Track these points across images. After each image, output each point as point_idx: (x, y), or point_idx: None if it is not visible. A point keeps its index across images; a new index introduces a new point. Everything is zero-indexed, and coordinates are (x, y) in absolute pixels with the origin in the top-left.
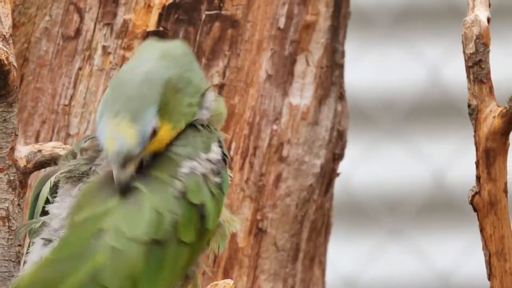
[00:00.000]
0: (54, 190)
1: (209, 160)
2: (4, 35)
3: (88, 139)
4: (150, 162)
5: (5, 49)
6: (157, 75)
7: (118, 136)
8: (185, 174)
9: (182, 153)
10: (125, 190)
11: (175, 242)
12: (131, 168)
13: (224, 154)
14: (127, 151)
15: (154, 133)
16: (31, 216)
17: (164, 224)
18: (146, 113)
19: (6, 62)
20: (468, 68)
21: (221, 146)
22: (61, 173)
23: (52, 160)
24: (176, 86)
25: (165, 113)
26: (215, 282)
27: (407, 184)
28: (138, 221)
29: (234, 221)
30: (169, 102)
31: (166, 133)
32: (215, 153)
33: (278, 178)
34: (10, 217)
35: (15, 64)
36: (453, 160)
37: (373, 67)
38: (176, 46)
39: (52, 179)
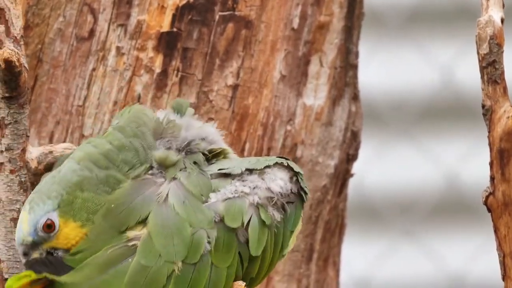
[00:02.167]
0: None
1: (268, 190)
2: (15, 36)
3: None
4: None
5: (16, 50)
6: (65, 177)
7: (19, 226)
8: (229, 198)
9: (227, 173)
10: (33, 262)
11: (209, 265)
12: (35, 254)
13: (301, 189)
14: (22, 239)
15: (51, 227)
16: None
17: (200, 250)
18: (40, 206)
19: (17, 63)
20: (482, 68)
21: (297, 181)
22: None
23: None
24: (83, 188)
25: (69, 212)
26: None
27: (420, 185)
28: (174, 246)
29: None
30: (74, 202)
31: (73, 230)
32: (279, 186)
33: None
34: None
35: (26, 65)
36: (465, 161)
37: (385, 68)
38: (109, 142)
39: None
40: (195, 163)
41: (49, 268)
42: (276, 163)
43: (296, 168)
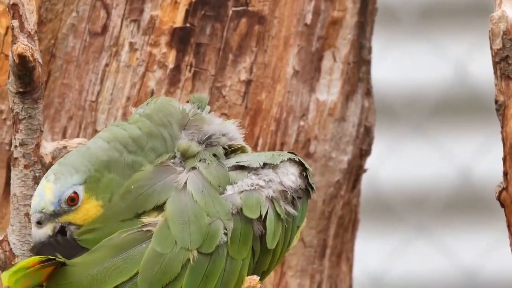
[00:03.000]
0: None
1: (281, 184)
2: (29, 32)
3: None
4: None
5: (30, 45)
6: (95, 154)
7: (40, 193)
8: (246, 190)
9: (244, 166)
10: (40, 246)
11: (224, 257)
12: (48, 228)
13: (309, 185)
14: (42, 207)
15: (74, 200)
16: None
17: (215, 240)
18: (68, 178)
19: (31, 58)
20: (495, 64)
21: (306, 177)
22: None
23: None
24: (111, 168)
25: (94, 189)
26: None
27: (433, 180)
28: (190, 234)
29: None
30: (101, 181)
31: (94, 208)
32: (291, 180)
33: None
34: None
35: (40, 60)
36: (478, 156)
37: (399, 63)
38: (138, 127)
39: None
40: (214, 155)
41: (57, 250)
42: (289, 158)
43: (306, 164)
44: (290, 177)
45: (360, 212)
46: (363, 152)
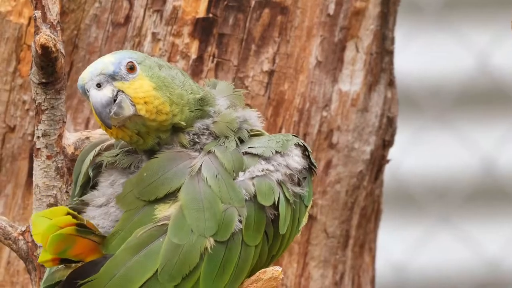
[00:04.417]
0: (98, 168)
1: (287, 167)
2: (52, 22)
3: None
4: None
5: (52, 36)
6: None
7: (97, 61)
8: (258, 176)
9: (257, 154)
10: (105, 107)
11: (239, 244)
12: (107, 90)
13: (312, 164)
14: (101, 68)
15: (133, 68)
16: (76, 178)
17: (231, 227)
18: (126, 52)
19: (53, 49)
20: None
21: (308, 156)
22: (106, 156)
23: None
24: (162, 68)
25: (148, 72)
26: (263, 269)
27: (456, 171)
28: (205, 221)
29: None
30: (153, 68)
31: (147, 85)
32: (296, 162)
33: (328, 164)
34: (58, 204)
35: (63, 51)
36: (501, 146)
37: (421, 53)
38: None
39: (97, 149)
40: (240, 139)
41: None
42: (294, 143)
43: (306, 145)
44: (295, 158)
45: (383, 202)
46: (385, 143)
